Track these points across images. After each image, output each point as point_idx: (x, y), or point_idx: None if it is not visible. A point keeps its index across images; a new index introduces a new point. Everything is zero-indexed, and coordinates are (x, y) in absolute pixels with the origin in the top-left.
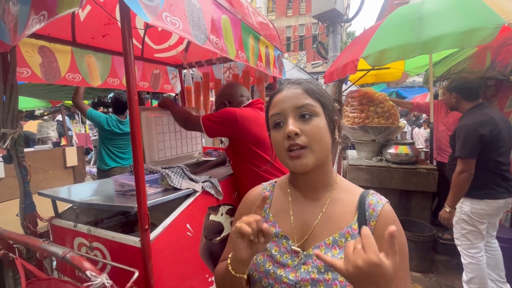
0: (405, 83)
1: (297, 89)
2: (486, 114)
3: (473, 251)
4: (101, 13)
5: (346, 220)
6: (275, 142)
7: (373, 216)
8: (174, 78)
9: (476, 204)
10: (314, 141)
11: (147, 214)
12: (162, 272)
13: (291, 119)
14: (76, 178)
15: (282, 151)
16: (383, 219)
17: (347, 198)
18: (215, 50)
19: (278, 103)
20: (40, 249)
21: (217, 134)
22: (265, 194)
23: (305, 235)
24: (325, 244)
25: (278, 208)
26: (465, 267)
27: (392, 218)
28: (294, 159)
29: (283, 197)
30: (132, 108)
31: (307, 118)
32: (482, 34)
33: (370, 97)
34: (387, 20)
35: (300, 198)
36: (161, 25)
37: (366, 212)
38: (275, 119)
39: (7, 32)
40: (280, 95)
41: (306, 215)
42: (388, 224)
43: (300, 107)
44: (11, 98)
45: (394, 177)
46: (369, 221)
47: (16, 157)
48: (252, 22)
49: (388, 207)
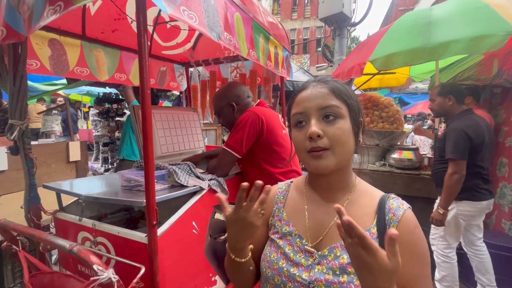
0: (408, 89)
1: (323, 89)
2: (473, 120)
3: (448, 251)
4: (111, 8)
5: (364, 223)
6: (296, 142)
7: (394, 221)
8: (180, 76)
9: (461, 205)
10: (337, 144)
11: (155, 210)
12: (167, 269)
13: (314, 119)
14: (78, 173)
15: (303, 151)
16: (404, 225)
17: (366, 201)
18: (228, 46)
19: (302, 102)
20: (46, 241)
21: (248, 144)
22: (266, 188)
23: (319, 236)
24: (340, 245)
25: (293, 207)
26: (438, 266)
27: (414, 224)
28: (315, 159)
29: (299, 197)
30: (145, 102)
31: (331, 120)
32: (492, 41)
33: (375, 101)
34: (396, 24)
35: (317, 199)
36: (179, 17)
37: (386, 216)
38: (297, 118)
39: (21, 23)
40: (304, 93)
41: (322, 216)
42: (410, 231)
43: (325, 107)
44: (20, 90)
45: (397, 182)
46: (388, 225)
47: (23, 149)
48: (263, 21)
49: (410, 213)
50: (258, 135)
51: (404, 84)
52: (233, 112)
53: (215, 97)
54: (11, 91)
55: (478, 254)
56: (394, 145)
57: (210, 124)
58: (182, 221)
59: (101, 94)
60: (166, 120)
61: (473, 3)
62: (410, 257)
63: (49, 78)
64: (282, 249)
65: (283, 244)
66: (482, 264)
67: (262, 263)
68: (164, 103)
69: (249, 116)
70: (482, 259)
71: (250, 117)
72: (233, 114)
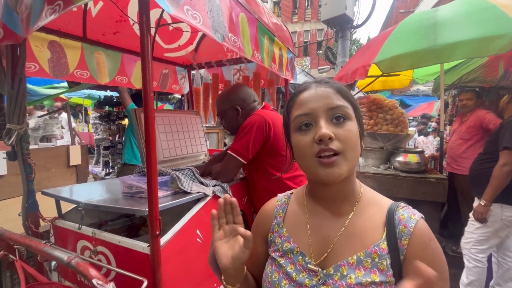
0: (409, 92)
1: (328, 88)
2: None
3: (482, 256)
4: (113, 10)
5: (372, 237)
6: (300, 147)
7: (405, 233)
8: (182, 78)
9: (507, 209)
10: (349, 148)
11: (158, 220)
12: (170, 280)
13: (323, 121)
14: (79, 177)
15: (310, 157)
16: (418, 238)
17: (373, 212)
18: (233, 48)
19: (306, 103)
20: (43, 253)
21: (254, 150)
22: (226, 199)
23: (324, 253)
24: (347, 263)
25: (293, 221)
26: (468, 269)
27: (428, 237)
28: (326, 167)
29: (299, 210)
30: (147, 106)
31: (341, 122)
32: (501, 43)
33: (379, 104)
34: (400, 26)
35: (319, 211)
36: (183, 18)
37: (397, 228)
38: (302, 120)
39: (19, 24)
40: (307, 93)
41: (326, 230)
42: (425, 244)
43: (334, 108)
44: (18, 93)
45: (402, 186)
46: (400, 239)
47: (21, 154)
48: (267, 23)
49: (423, 224)
50: (265, 140)
51: (406, 86)
52: (237, 116)
53: (219, 98)
54: (9, 94)
55: (509, 262)
56: (399, 148)
57: (211, 127)
58: (186, 229)
59: (101, 97)
60: (168, 123)
61: (480, 3)
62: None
63: (50, 81)
64: (284, 269)
65: (284, 263)
66: (509, 272)
67: (263, 284)
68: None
69: (256, 120)
70: (511, 266)
71: (257, 121)
72: (237, 118)
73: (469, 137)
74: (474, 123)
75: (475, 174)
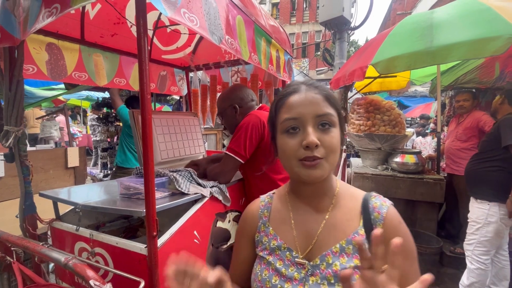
0: (407, 93)
1: (318, 95)
2: None
3: (485, 257)
4: (111, 12)
5: (351, 226)
6: (286, 149)
7: (379, 219)
8: (181, 80)
9: (504, 209)
10: (332, 153)
11: (156, 220)
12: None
13: (311, 127)
14: (77, 179)
15: (294, 159)
16: (389, 222)
17: (349, 203)
18: (230, 50)
19: (296, 107)
20: (41, 254)
21: (251, 149)
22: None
23: (309, 245)
24: (332, 252)
25: (278, 220)
26: (470, 271)
27: (398, 220)
28: (308, 168)
29: (283, 208)
30: (145, 108)
31: (326, 128)
32: (496, 44)
33: (376, 105)
34: (397, 27)
35: (301, 207)
36: (180, 20)
37: (371, 215)
38: (290, 124)
39: (16, 26)
40: (297, 96)
41: (308, 224)
42: (395, 227)
43: (322, 115)
44: (16, 95)
45: (400, 187)
46: (375, 225)
47: (19, 156)
48: (265, 25)
49: (393, 209)
50: (260, 139)
51: (404, 88)
52: (235, 114)
53: (219, 98)
54: (6, 96)
55: (502, 260)
56: (396, 148)
57: (210, 129)
58: (183, 230)
59: (100, 99)
60: (166, 125)
61: (476, 5)
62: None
63: (48, 82)
64: (273, 265)
65: (273, 260)
66: (503, 270)
67: (253, 284)
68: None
69: (250, 119)
70: (505, 265)
71: (251, 120)
72: (236, 116)
73: (466, 138)
74: (471, 124)
75: (471, 174)
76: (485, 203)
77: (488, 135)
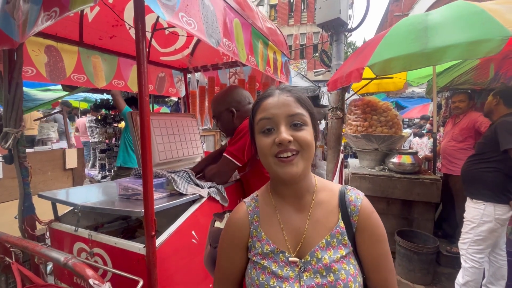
0: (404, 94)
1: (289, 97)
2: None
3: (479, 256)
4: (109, 14)
5: (332, 220)
6: (262, 147)
7: (355, 212)
8: (179, 82)
9: (499, 209)
10: (306, 148)
11: (154, 220)
12: (166, 281)
13: (283, 126)
14: (75, 181)
15: (270, 156)
16: (364, 212)
17: (328, 198)
18: (227, 52)
19: (269, 108)
20: (40, 254)
21: (249, 153)
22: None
23: (298, 243)
24: (319, 248)
25: (268, 222)
26: (465, 270)
27: (371, 210)
28: (284, 165)
29: (270, 210)
30: (143, 109)
31: (298, 127)
32: (489, 46)
33: (373, 106)
34: (393, 29)
35: (286, 207)
36: (178, 24)
37: (348, 208)
38: (265, 124)
39: (15, 29)
40: (271, 100)
41: (295, 223)
42: (368, 216)
43: (293, 115)
44: (15, 97)
45: (397, 187)
46: (351, 216)
47: (18, 157)
48: (262, 27)
49: (366, 201)
50: None
51: (401, 89)
52: (232, 118)
53: (214, 100)
54: (6, 98)
55: (500, 260)
56: (393, 149)
57: (208, 130)
58: (181, 230)
59: (98, 100)
60: (164, 126)
61: (469, 8)
62: (372, 239)
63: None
64: (269, 269)
65: (268, 264)
66: (501, 270)
67: None
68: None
69: None
70: (502, 265)
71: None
72: (232, 120)
73: (463, 139)
74: (467, 125)
75: (467, 175)
76: (481, 203)
77: (485, 136)
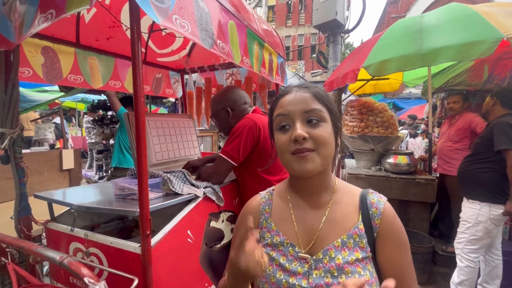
0: (401, 94)
1: (306, 93)
2: None
3: (474, 256)
4: (106, 16)
5: (350, 221)
6: (280, 144)
7: (377, 214)
8: (176, 82)
9: (495, 209)
10: (322, 145)
11: (149, 220)
12: (161, 280)
13: (299, 123)
14: (72, 181)
15: (287, 153)
16: (386, 217)
17: (348, 199)
18: (221, 54)
19: (286, 105)
20: (36, 253)
21: (245, 153)
22: (249, 224)
23: (311, 241)
24: (334, 246)
25: (279, 216)
26: (460, 269)
27: (393, 215)
28: (300, 161)
29: (283, 205)
30: (138, 110)
31: (315, 123)
32: (482, 48)
33: (369, 107)
34: (388, 31)
35: (301, 203)
36: (171, 27)
37: (369, 211)
38: (281, 120)
39: (12, 30)
40: (288, 97)
41: (310, 220)
42: (391, 221)
43: (309, 111)
44: (11, 98)
45: (393, 187)
46: (373, 219)
47: (14, 158)
48: (257, 29)
49: (388, 205)
50: (255, 143)
51: (398, 90)
52: (228, 117)
53: (212, 100)
54: (2, 99)
55: (495, 259)
56: (389, 150)
57: (205, 131)
58: (177, 230)
59: (95, 101)
60: (161, 127)
61: (463, 10)
62: (393, 245)
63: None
64: (277, 261)
65: (276, 256)
66: (496, 269)
67: (258, 280)
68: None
69: (247, 123)
70: (497, 264)
71: (247, 124)
72: (228, 119)
73: (459, 139)
74: (463, 126)
75: (463, 175)
76: (476, 203)
77: (481, 137)
